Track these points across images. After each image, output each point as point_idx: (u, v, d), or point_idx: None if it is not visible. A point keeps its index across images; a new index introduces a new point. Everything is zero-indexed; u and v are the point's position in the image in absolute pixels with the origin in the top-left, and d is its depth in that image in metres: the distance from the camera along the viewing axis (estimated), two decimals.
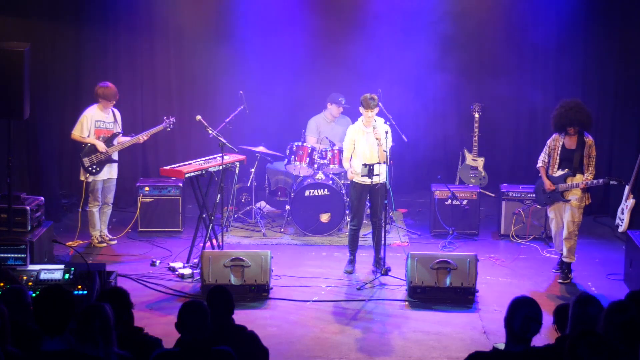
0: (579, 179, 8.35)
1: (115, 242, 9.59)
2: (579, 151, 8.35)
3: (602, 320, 4.42)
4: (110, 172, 9.35)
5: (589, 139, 8.37)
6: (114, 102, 9.27)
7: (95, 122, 9.19)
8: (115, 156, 9.33)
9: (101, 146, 9.15)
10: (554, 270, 8.78)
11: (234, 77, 11.26)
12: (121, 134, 9.39)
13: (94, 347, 4.14)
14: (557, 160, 8.46)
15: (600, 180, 8.33)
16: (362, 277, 8.54)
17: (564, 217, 8.45)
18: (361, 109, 8.39)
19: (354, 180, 8.57)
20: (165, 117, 9.59)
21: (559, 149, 8.43)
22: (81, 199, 9.45)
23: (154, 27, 11.16)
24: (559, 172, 8.45)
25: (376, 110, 8.36)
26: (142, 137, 9.42)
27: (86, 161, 9.14)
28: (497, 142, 11.71)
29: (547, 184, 8.45)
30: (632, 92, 10.91)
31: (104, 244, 9.45)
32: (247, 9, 11.22)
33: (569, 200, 8.37)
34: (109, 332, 4.21)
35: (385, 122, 8.61)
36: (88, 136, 9.15)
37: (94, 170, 9.18)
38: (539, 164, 8.61)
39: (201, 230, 8.84)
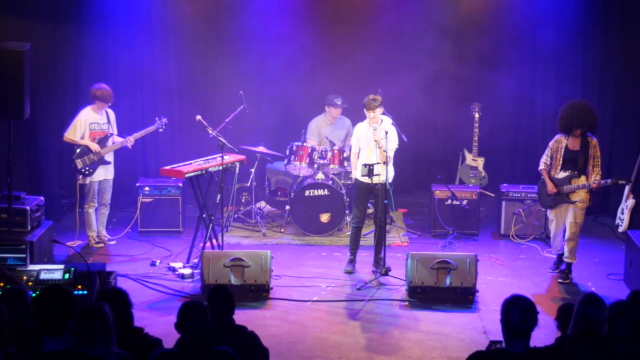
0: (583, 180, 8.32)
1: (114, 242, 9.58)
2: (583, 152, 8.30)
3: (606, 321, 4.42)
4: (105, 173, 9.29)
5: (594, 140, 8.32)
6: (110, 104, 9.24)
7: (90, 124, 9.15)
8: (109, 157, 9.26)
9: (94, 147, 9.10)
10: (550, 271, 8.78)
11: (234, 77, 11.25)
12: (115, 135, 9.36)
13: (94, 347, 4.14)
14: (560, 162, 8.41)
15: (609, 180, 8.31)
16: (362, 277, 8.54)
17: (566, 219, 8.41)
18: (364, 110, 8.41)
19: (357, 178, 8.59)
20: (157, 118, 9.55)
21: (562, 150, 8.39)
22: (77, 201, 9.41)
23: (153, 27, 11.17)
24: (562, 174, 8.41)
25: (379, 110, 8.37)
26: (132, 138, 9.28)
27: (79, 163, 9.09)
28: (497, 142, 11.70)
29: (550, 187, 8.41)
30: (632, 92, 10.91)
31: (101, 245, 9.43)
32: (247, 9, 11.23)
33: (575, 201, 8.35)
34: (108, 332, 4.21)
35: (392, 123, 8.61)
36: (82, 138, 9.11)
37: (87, 172, 9.13)
38: (541, 166, 8.55)
39: (201, 230, 8.84)
